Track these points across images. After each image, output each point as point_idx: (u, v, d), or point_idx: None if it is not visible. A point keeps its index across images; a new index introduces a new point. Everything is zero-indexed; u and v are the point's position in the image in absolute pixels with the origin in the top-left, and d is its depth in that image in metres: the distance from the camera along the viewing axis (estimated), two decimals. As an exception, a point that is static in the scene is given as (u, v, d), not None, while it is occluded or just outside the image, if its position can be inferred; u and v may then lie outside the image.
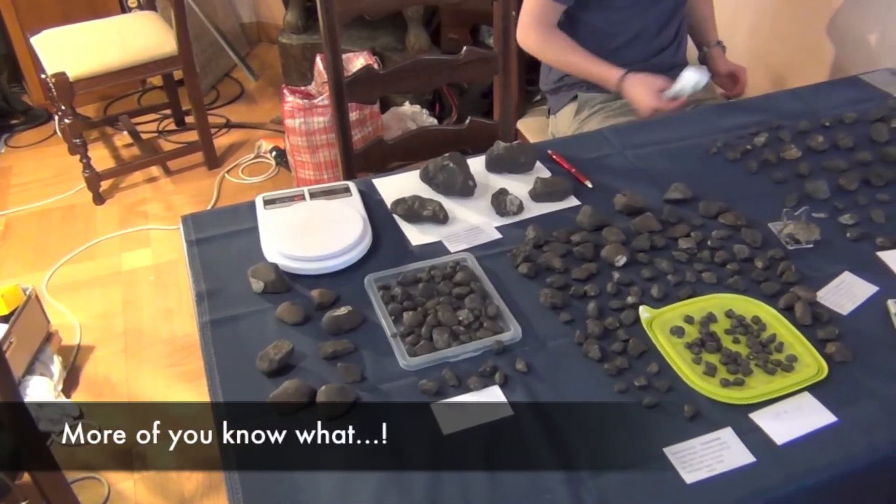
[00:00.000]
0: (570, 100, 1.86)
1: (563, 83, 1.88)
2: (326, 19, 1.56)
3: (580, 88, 1.84)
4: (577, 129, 1.83)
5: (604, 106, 1.80)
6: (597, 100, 1.82)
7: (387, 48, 3.04)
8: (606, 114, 1.79)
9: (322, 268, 1.19)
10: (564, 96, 1.88)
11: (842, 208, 1.31)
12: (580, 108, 1.84)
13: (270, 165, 2.97)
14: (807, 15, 2.26)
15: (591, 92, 1.82)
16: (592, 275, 1.19)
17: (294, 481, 0.92)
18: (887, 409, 0.98)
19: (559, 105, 1.90)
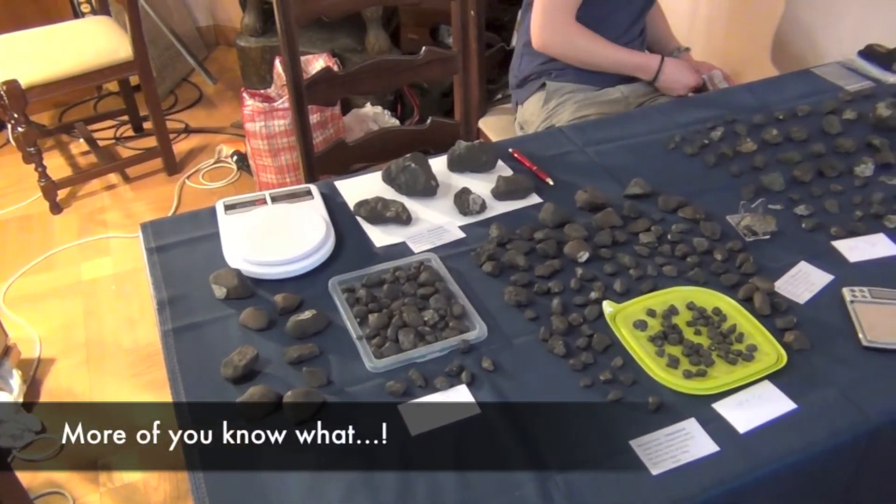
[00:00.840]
0: (538, 88, 1.87)
1: (531, 74, 1.89)
2: (284, 21, 1.55)
3: (548, 77, 1.85)
4: (545, 119, 1.85)
5: (572, 96, 1.82)
6: (565, 89, 1.83)
7: (346, 49, 3.03)
8: (575, 104, 1.81)
9: (285, 272, 1.18)
10: (532, 86, 1.89)
11: (797, 199, 1.34)
12: (548, 98, 1.85)
13: (232, 170, 2.94)
14: (760, 11, 2.30)
15: (558, 81, 1.84)
16: (556, 271, 1.20)
17: (261, 484, 0.91)
18: (845, 394, 1.00)
19: (526, 95, 1.91)
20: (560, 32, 1.74)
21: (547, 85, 1.85)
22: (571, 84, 1.82)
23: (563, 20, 1.73)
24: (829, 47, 2.09)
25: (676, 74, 1.80)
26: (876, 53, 1.78)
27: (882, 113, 1.53)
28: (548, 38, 1.75)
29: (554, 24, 1.74)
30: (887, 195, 1.35)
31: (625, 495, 0.89)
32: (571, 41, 1.76)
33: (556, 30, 1.74)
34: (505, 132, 2.03)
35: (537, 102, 1.87)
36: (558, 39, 1.75)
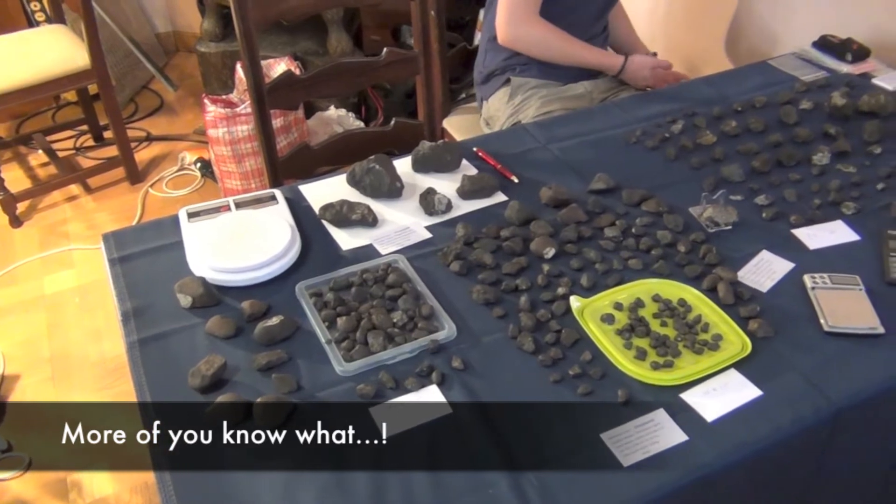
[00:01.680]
0: (503, 84, 1.88)
1: (496, 69, 1.90)
2: (243, 26, 1.54)
3: (512, 72, 1.86)
4: (511, 115, 1.85)
5: (536, 91, 1.83)
6: (530, 84, 1.84)
7: (308, 52, 3.01)
8: (540, 99, 1.82)
9: (251, 278, 1.17)
10: (496, 81, 1.90)
11: (756, 189, 1.36)
12: (513, 93, 1.86)
13: (196, 177, 2.91)
14: (717, 5, 2.34)
15: (523, 76, 1.85)
16: (523, 268, 1.21)
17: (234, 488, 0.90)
18: (809, 379, 1.02)
19: (491, 91, 1.92)
20: (524, 26, 1.75)
21: (512, 80, 1.86)
22: (536, 79, 1.84)
23: (526, 14, 1.74)
24: (785, 39, 2.13)
25: (637, 74, 1.83)
26: (829, 44, 1.81)
27: (837, 102, 1.56)
28: (512, 31, 1.76)
29: (518, 18, 1.75)
30: (844, 182, 1.38)
31: (597, 488, 0.90)
32: (536, 35, 1.77)
33: (520, 24, 1.75)
34: (470, 131, 2.04)
35: (502, 98, 1.88)
36: (522, 33, 1.76)
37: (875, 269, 1.19)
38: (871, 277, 1.17)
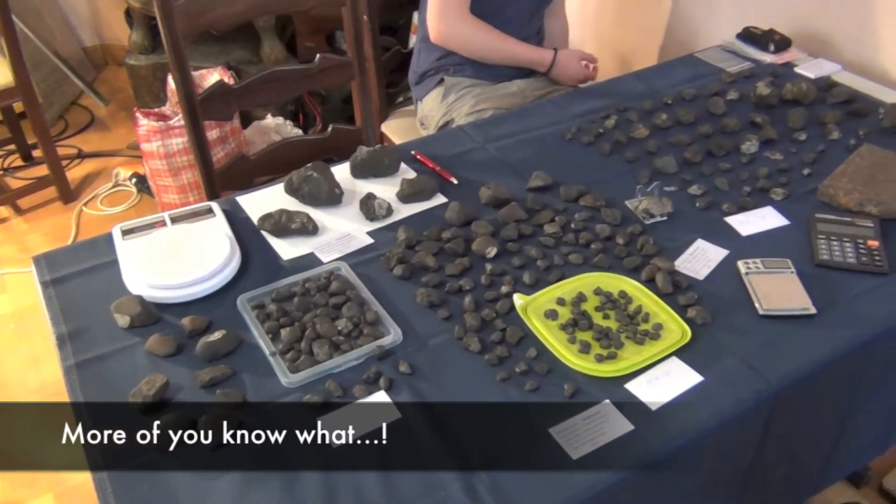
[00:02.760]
0: (437, 84, 1.89)
1: (431, 68, 1.90)
2: (170, 37, 1.51)
3: (446, 72, 1.87)
4: (444, 114, 1.86)
5: (470, 90, 1.84)
6: (463, 84, 1.85)
7: (242, 62, 2.97)
8: (473, 98, 1.83)
9: (190, 294, 1.15)
10: (430, 81, 1.91)
11: (689, 180, 1.39)
12: (447, 92, 1.87)
13: (132, 193, 2.84)
14: (644, 1, 2.39)
15: (456, 76, 1.86)
16: (466, 269, 1.21)
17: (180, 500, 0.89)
18: (747, 362, 1.05)
19: (425, 91, 1.92)
20: (455, 23, 1.76)
21: (445, 80, 1.87)
22: (469, 79, 1.85)
23: (457, 11, 1.75)
24: (710, 32, 2.19)
25: (568, 65, 1.85)
26: (753, 35, 1.87)
27: (762, 91, 1.61)
28: (444, 29, 1.77)
29: (449, 15, 1.75)
30: (772, 169, 1.42)
31: (548, 483, 0.91)
32: (467, 32, 1.78)
33: (451, 20, 1.76)
34: (409, 134, 2.04)
35: (436, 98, 1.88)
36: (454, 31, 1.77)
37: (804, 251, 1.23)
38: (801, 260, 1.21)
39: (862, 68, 1.81)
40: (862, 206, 1.30)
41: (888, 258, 1.21)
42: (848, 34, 1.86)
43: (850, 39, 1.86)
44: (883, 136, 1.52)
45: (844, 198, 1.31)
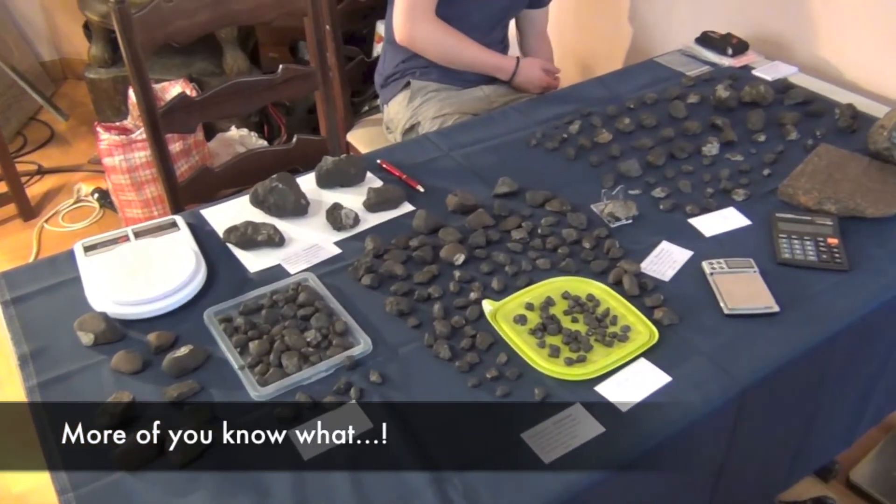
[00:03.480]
0: (403, 87, 1.89)
1: (396, 71, 1.90)
2: (130, 50, 1.50)
3: (412, 76, 1.87)
4: (410, 118, 1.86)
5: (435, 94, 1.85)
6: (429, 88, 1.86)
7: (204, 73, 2.94)
8: (439, 102, 1.84)
9: (156, 309, 1.13)
10: (396, 85, 1.91)
11: (653, 183, 1.41)
12: (413, 96, 1.87)
13: (94, 209, 2.80)
14: (604, 8, 2.41)
15: (422, 80, 1.86)
16: (434, 277, 1.21)
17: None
18: (713, 361, 1.06)
19: (391, 95, 1.92)
20: (422, 24, 1.76)
21: (411, 83, 1.87)
22: (435, 83, 1.85)
23: (423, 14, 1.75)
24: (670, 37, 2.22)
25: (530, 73, 1.87)
26: (711, 40, 1.90)
27: (721, 94, 1.63)
28: (410, 30, 1.76)
29: (415, 16, 1.75)
30: (733, 171, 1.44)
31: (521, 487, 0.91)
32: (433, 34, 1.77)
33: (417, 22, 1.75)
34: (375, 143, 2.03)
35: (402, 101, 1.89)
36: (419, 32, 1.77)
37: (767, 250, 1.26)
38: (763, 259, 1.23)
39: (817, 70, 1.85)
40: (821, 205, 1.32)
41: (847, 255, 1.23)
42: (803, 37, 1.90)
43: (805, 42, 1.90)
44: (839, 135, 1.55)
45: (804, 197, 1.34)
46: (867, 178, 1.37)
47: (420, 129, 1.84)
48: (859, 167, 1.40)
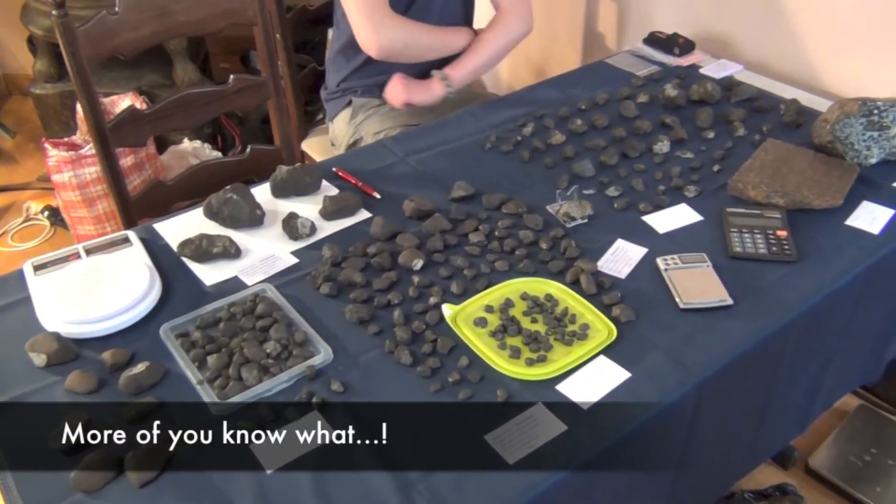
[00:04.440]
0: (345, 105, 1.88)
1: (339, 89, 1.89)
2: (75, 63, 1.47)
3: (354, 93, 1.86)
4: (353, 134, 1.85)
5: (377, 109, 1.84)
6: (371, 104, 1.85)
7: (154, 86, 2.90)
8: (381, 117, 1.83)
9: (110, 327, 1.11)
10: (339, 103, 1.90)
11: (607, 182, 1.43)
12: (355, 113, 1.86)
13: (45, 227, 2.73)
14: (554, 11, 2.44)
15: (364, 97, 1.85)
16: (393, 283, 1.21)
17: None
18: (670, 355, 1.08)
19: (335, 111, 1.91)
20: (389, 26, 1.64)
21: (353, 101, 1.86)
22: (377, 99, 1.84)
23: (384, 13, 1.64)
24: (619, 38, 2.25)
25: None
26: (658, 40, 1.94)
27: (670, 93, 1.66)
28: (379, 37, 1.64)
29: (379, 20, 1.64)
30: (684, 168, 1.47)
31: (486, 489, 0.91)
32: (404, 32, 1.67)
33: (383, 26, 1.63)
34: (330, 152, 2.03)
35: (345, 118, 1.88)
36: (390, 36, 1.64)
37: (719, 245, 1.28)
38: (716, 253, 1.25)
39: (762, 67, 1.89)
40: (769, 199, 1.36)
41: (796, 246, 1.26)
42: (747, 35, 1.95)
43: (749, 40, 1.95)
44: (785, 130, 1.59)
45: (753, 191, 1.37)
46: (813, 170, 1.41)
47: (362, 144, 1.82)
48: (805, 160, 1.44)
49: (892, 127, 1.42)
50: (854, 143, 1.43)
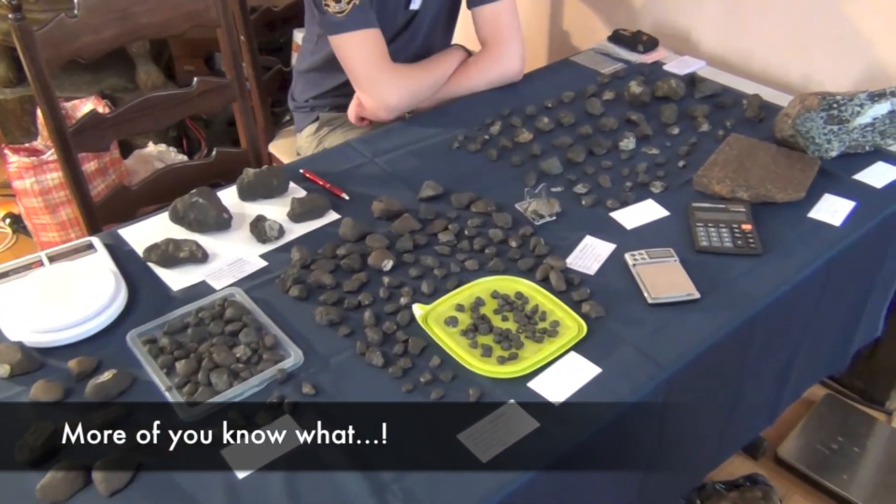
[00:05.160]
0: (313, 120, 1.87)
1: (307, 105, 1.88)
2: (33, 68, 1.44)
3: (322, 109, 1.85)
4: (317, 146, 1.84)
5: (344, 124, 1.82)
6: (340, 119, 1.84)
7: (117, 89, 2.86)
8: (345, 130, 1.82)
9: (75, 335, 1.09)
10: (307, 117, 1.89)
11: (574, 180, 1.44)
12: (321, 126, 1.85)
13: (6, 234, 2.68)
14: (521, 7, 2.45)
15: (333, 112, 1.84)
16: (363, 284, 1.21)
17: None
18: (640, 350, 1.09)
19: (303, 124, 1.90)
20: (392, 86, 1.60)
21: (321, 117, 1.86)
22: (345, 115, 1.82)
23: (387, 74, 1.60)
24: (584, 36, 2.27)
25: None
26: (622, 37, 1.95)
27: (635, 90, 1.68)
28: (385, 100, 1.61)
29: (381, 84, 1.60)
30: (650, 164, 1.49)
31: (460, 488, 0.91)
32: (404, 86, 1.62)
33: (386, 87, 1.60)
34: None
35: (311, 131, 1.88)
36: (394, 94, 1.60)
37: (685, 239, 1.30)
38: (682, 248, 1.27)
39: (724, 63, 1.92)
40: (734, 193, 1.37)
41: (761, 240, 1.28)
42: (708, 32, 1.97)
43: (710, 37, 1.97)
44: (748, 125, 1.61)
45: (717, 186, 1.39)
46: (775, 164, 1.43)
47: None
48: (768, 154, 1.46)
49: (851, 120, 1.45)
50: (815, 137, 1.46)
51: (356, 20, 1.55)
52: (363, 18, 1.56)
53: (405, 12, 1.71)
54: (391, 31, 1.68)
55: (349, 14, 1.54)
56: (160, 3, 1.58)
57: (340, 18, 1.55)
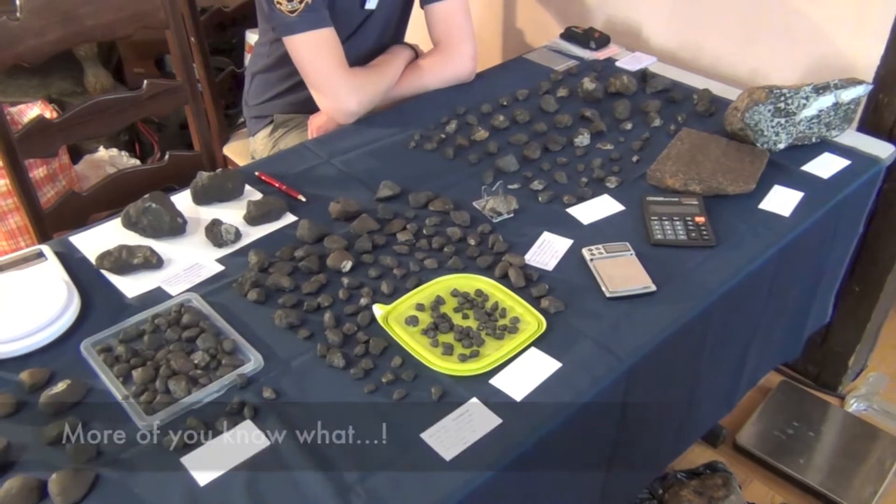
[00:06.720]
0: (268, 123, 1.86)
1: (261, 106, 1.86)
2: (-24, 73, 1.40)
3: (277, 110, 1.84)
4: (273, 148, 1.83)
5: (298, 126, 1.81)
6: (296, 120, 1.82)
7: (65, 93, 2.79)
8: (300, 131, 1.80)
9: (26, 346, 1.07)
10: (263, 119, 1.87)
11: (531, 176, 1.45)
12: (276, 128, 1.84)
13: (-48, 244, 2.59)
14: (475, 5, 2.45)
15: (288, 113, 1.83)
16: (322, 286, 1.20)
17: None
18: (599, 343, 1.10)
19: (257, 128, 1.89)
20: (350, 92, 1.59)
21: (275, 119, 1.84)
22: (301, 115, 1.81)
23: (345, 80, 1.59)
24: (537, 34, 2.29)
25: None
26: (574, 35, 1.97)
27: (588, 87, 1.70)
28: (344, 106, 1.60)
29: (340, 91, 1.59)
30: (604, 159, 1.50)
31: (424, 487, 0.91)
32: (362, 90, 1.61)
33: (346, 94, 1.59)
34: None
35: (266, 133, 1.86)
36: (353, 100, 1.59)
37: (640, 233, 1.31)
38: (638, 241, 1.29)
39: (674, 59, 1.95)
40: (686, 186, 1.40)
41: (714, 232, 1.31)
42: (659, 28, 2.00)
43: (660, 33, 2.00)
44: (698, 119, 1.65)
45: (670, 179, 1.41)
46: (726, 157, 1.46)
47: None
48: (719, 148, 1.49)
49: (797, 113, 1.49)
50: (763, 130, 1.49)
51: (309, 21, 1.54)
52: (316, 18, 1.55)
53: (361, 12, 1.70)
54: (346, 31, 1.67)
55: (301, 14, 1.53)
56: (106, 4, 1.54)
57: (293, 19, 1.54)
